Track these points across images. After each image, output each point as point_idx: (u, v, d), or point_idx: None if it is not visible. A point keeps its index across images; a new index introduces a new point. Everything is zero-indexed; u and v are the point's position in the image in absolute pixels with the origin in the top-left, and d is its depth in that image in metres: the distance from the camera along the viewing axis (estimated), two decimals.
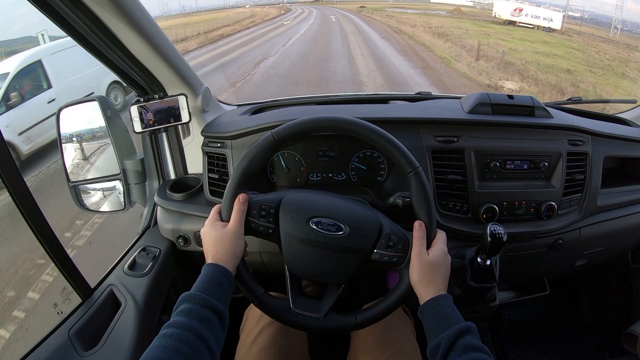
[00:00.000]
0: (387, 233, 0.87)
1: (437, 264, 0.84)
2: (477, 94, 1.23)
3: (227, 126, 1.22)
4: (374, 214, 0.91)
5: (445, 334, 0.75)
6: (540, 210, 1.17)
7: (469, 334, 0.75)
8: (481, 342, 0.75)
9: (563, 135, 1.21)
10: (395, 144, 0.88)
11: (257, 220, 0.87)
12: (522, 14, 23.43)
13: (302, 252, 0.87)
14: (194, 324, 0.69)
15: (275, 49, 14.23)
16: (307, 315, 0.88)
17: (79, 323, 0.97)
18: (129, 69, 1.09)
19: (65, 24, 0.90)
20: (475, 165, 1.14)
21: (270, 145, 0.88)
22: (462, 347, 0.73)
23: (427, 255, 0.84)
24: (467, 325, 0.76)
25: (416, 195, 0.87)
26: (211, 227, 0.86)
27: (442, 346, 0.74)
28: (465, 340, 0.73)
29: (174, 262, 1.27)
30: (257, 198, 0.88)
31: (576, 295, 1.84)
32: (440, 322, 0.78)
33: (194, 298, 0.73)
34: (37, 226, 0.89)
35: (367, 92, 2.04)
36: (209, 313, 0.72)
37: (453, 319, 0.78)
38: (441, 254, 0.85)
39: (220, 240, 0.83)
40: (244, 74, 9.89)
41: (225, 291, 0.78)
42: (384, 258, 0.86)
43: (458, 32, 19.23)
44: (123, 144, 1.25)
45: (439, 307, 0.80)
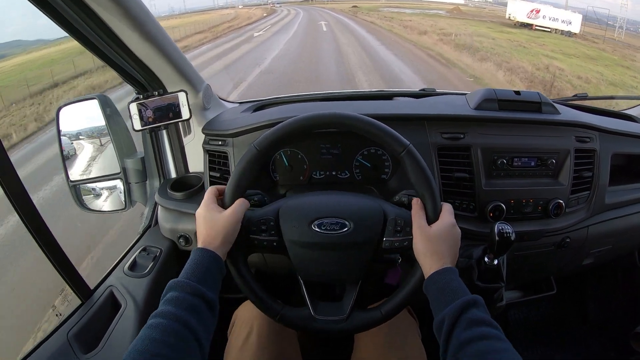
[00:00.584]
0: (393, 219, 0.84)
1: (442, 236, 0.80)
2: (483, 90, 1.21)
3: (228, 124, 1.20)
4: (376, 202, 0.89)
5: (449, 308, 0.71)
6: (548, 209, 1.15)
7: (474, 307, 0.71)
8: (489, 316, 0.71)
9: (571, 132, 1.19)
10: (380, 127, 0.85)
11: (260, 235, 0.85)
12: (540, 15, 21.79)
13: (311, 257, 0.85)
14: (181, 313, 0.66)
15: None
16: (331, 319, 0.86)
17: (78, 325, 0.95)
18: (128, 65, 1.08)
19: (63, 20, 0.89)
20: (482, 163, 1.12)
21: (254, 158, 0.85)
22: (467, 322, 0.69)
23: (430, 227, 0.81)
24: (472, 297, 0.72)
25: (413, 173, 0.84)
26: (206, 208, 0.83)
27: (447, 321, 0.70)
28: (471, 314, 0.70)
29: (175, 262, 1.25)
30: (254, 214, 0.86)
31: (583, 295, 1.82)
32: (444, 296, 0.74)
33: (181, 286, 0.70)
34: (34, 227, 0.88)
35: (370, 88, 1.99)
36: (197, 301, 0.69)
37: (458, 293, 0.74)
38: (447, 226, 0.82)
39: (213, 223, 0.80)
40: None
41: (214, 277, 0.75)
42: (395, 244, 0.84)
43: (486, 43, 16.43)
44: (123, 143, 1.23)
45: (443, 280, 0.76)
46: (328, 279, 0.89)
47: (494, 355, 0.65)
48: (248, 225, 0.84)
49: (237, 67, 12.80)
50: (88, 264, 3.17)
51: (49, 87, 11.54)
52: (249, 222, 0.84)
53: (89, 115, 1.19)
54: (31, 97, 10.56)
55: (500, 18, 25.44)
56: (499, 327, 0.70)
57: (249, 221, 0.84)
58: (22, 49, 17.77)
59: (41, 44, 18.55)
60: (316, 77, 10.64)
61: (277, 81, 10.27)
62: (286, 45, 17.06)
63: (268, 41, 18.79)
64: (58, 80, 12.32)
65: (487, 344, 0.66)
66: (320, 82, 10.05)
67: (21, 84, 11.26)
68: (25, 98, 10.42)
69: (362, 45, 16.69)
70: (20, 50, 17.46)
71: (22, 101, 10.10)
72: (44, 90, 11.18)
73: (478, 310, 0.71)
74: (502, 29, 21.56)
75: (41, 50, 17.70)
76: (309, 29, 23.66)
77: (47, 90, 11.43)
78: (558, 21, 21.07)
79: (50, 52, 16.55)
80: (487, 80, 10.80)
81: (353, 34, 21.14)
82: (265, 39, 19.73)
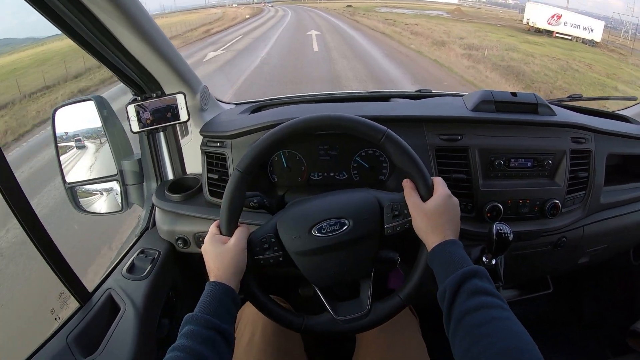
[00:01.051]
0: (389, 205, 0.85)
1: (439, 210, 0.81)
2: (480, 92, 1.21)
3: (226, 125, 1.20)
4: (369, 193, 0.90)
5: (450, 279, 0.72)
6: (545, 209, 1.16)
7: (476, 277, 0.71)
8: (493, 286, 0.72)
9: (567, 133, 1.20)
10: (354, 119, 0.85)
11: (264, 255, 0.85)
12: (561, 22, 19.58)
13: (318, 263, 0.85)
14: (197, 346, 0.68)
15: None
16: (354, 317, 0.87)
17: (77, 328, 0.95)
18: (126, 67, 1.07)
19: (60, 20, 0.88)
20: (479, 164, 1.13)
21: (240, 180, 0.85)
22: (468, 292, 0.70)
23: (425, 204, 0.82)
24: (473, 268, 0.73)
25: (396, 156, 0.85)
26: (210, 243, 0.84)
27: (448, 292, 0.72)
28: (472, 284, 0.70)
29: (174, 264, 1.25)
30: (254, 235, 0.86)
31: (579, 293, 1.84)
32: (446, 268, 0.75)
33: (197, 320, 0.72)
34: (32, 229, 0.87)
35: (368, 89, 1.95)
36: (212, 334, 0.71)
37: (460, 264, 0.74)
38: (443, 199, 0.82)
39: (221, 257, 0.81)
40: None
41: (228, 309, 0.77)
42: (397, 229, 0.84)
43: (532, 64, 12.72)
44: (120, 144, 1.22)
45: (444, 252, 0.78)
46: (341, 280, 0.89)
47: (494, 324, 0.65)
48: (251, 247, 0.84)
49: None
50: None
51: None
52: (251, 244, 0.84)
53: (85, 117, 1.18)
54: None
55: (506, 21, 23.82)
56: (501, 296, 0.70)
57: (250, 243, 0.84)
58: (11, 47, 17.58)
59: (31, 42, 18.32)
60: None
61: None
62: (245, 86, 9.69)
63: (225, 67, 12.38)
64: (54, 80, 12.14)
65: (487, 313, 0.67)
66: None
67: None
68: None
69: (375, 74, 10.88)
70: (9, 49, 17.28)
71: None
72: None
73: (480, 281, 0.71)
74: (525, 38, 18.88)
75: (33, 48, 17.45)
76: (293, 45, 16.92)
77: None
78: (579, 28, 19.06)
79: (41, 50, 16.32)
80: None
81: (355, 50, 15.11)
82: (221, 64, 12.97)
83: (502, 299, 0.70)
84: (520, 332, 0.65)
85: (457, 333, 0.68)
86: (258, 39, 19.70)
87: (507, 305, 0.69)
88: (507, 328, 0.65)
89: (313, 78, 10.68)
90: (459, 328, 0.68)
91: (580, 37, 18.81)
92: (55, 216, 3.97)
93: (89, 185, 1.24)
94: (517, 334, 0.64)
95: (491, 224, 0.97)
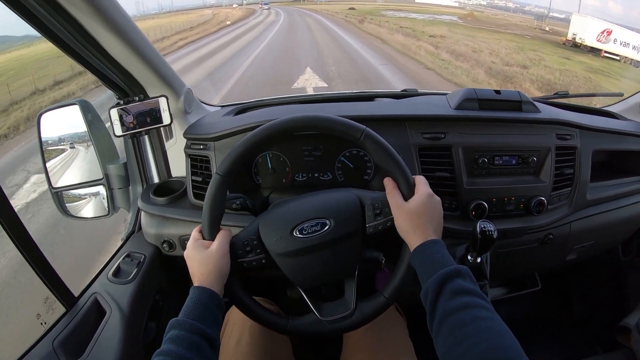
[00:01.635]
0: (370, 204, 0.86)
1: (421, 210, 0.81)
2: (464, 90, 1.22)
3: (210, 127, 1.20)
4: (350, 192, 0.90)
5: (432, 279, 0.72)
6: (530, 206, 1.16)
7: (458, 277, 0.72)
8: (476, 285, 0.72)
9: (551, 130, 1.20)
10: (332, 119, 0.86)
11: (247, 257, 0.85)
12: (610, 39, 16.95)
13: (302, 264, 0.85)
14: (182, 351, 0.68)
15: None
16: (339, 317, 0.87)
17: (63, 333, 0.94)
18: (108, 70, 1.07)
19: (40, 24, 0.87)
20: (463, 162, 1.13)
21: (220, 184, 0.85)
22: (451, 292, 0.70)
23: (407, 203, 0.82)
24: (456, 268, 0.73)
25: (376, 154, 0.85)
26: (193, 248, 0.84)
27: (430, 292, 0.72)
28: (455, 284, 0.70)
29: (160, 267, 1.24)
30: (236, 239, 0.86)
31: (567, 290, 1.84)
32: (427, 269, 0.75)
33: (182, 325, 0.72)
34: (16, 234, 0.87)
35: (352, 90, 1.90)
36: (197, 339, 0.71)
37: (441, 264, 0.74)
38: (424, 198, 0.82)
39: (205, 262, 0.81)
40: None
41: (213, 314, 0.77)
42: (379, 227, 0.85)
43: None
44: (105, 148, 1.22)
45: (426, 253, 0.78)
46: (325, 280, 0.89)
47: (477, 324, 0.65)
48: (233, 250, 0.84)
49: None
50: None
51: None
52: (233, 248, 0.85)
53: (70, 121, 1.18)
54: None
55: (527, 30, 21.57)
56: (484, 296, 0.71)
57: (232, 246, 0.85)
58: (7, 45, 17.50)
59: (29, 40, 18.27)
60: None
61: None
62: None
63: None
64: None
65: (470, 313, 0.67)
66: None
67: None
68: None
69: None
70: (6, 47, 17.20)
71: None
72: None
73: (462, 280, 0.72)
74: (571, 56, 16.21)
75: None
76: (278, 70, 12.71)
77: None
78: (629, 47, 16.59)
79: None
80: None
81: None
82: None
83: (486, 299, 0.70)
84: (503, 331, 0.65)
85: (440, 333, 0.68)
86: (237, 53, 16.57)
87: (491, 305, 0.70)
88: (490, 328, 0.65)
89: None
90: (442, 328, 0.68)
91: (629, 57, 16.59)
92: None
93: (75, 189, 1.24)
94: (500, 333, 0.64)
95: (475, 221, 0.97)
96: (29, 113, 9.44)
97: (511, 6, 42.04)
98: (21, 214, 1.22)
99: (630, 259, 1.60)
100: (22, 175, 5.74)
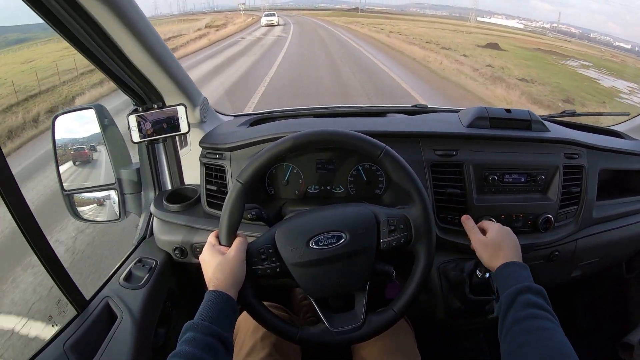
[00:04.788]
0: (385, 220, 0.88)
1: (498, 243, 0.93)
2: (476, 108, 1.23)
3: (225, 137, 1.21)
4: (366, 208, 0.92)
5: (507, 292, 0.81)
6: (538, 223, 1.17)
7: (529, 292, 0.79)
8: (548, 305, 0.79)
9: (560, 149, 1.22)
10: (355, 136, 0.88)
11: (261, 265, 0.86)
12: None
13: (315, 274, 0.87)
14: (198, 353, 0.69)
15: None
16: (348, 328, 0.88)
17: (74, 336, 0.95)
18: (128, 77, 1.09)
19: (65, 30, 0.89)
20: (473, 179, 1.15)
21: (241, 191, 0.87)
22: (522, 303, 0.78)
23: (486, 237, 0.95)
24: (529, 284, 0.81)
25: (394, 172, 0.89)
26: (210, 253, 0.85)
27: (503, 303, 0.80)
28: (526, 297, 0.78)
29: (171, 274, 1.25)
30: (252, 246, 0.88)
31: (571, 306, 1.85)
32: (504, 283, 0.85)
33: (198, 327, 0.73)
34: (33, 236, 0.88)
35: (364, 104, 1.92)
36: (212, 341, 0.72)
37: (517, 280, 0.83)
38: (499, 234, 0.94)
39: (221, 267, 0.82)
40: None
41: (228, 318, 0.78)
42: (392, 243, 0.87)
43: None
44: (119, 153, 1.23)
45: (507, 271, 0.87)
46: (336, 292, 0.90)
47: (540, 333, 0.73)
48: (248, 257, 0.86)
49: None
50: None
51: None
52: (248, 255, 0.86)
53: (85, 125, 1.20)
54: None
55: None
56: (552, 312, 0.78)
57: (248, 253, 0.86)
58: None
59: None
60: None
61: None
62: None
63: None
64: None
65: (536, 322, 0.75)
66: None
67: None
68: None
69: None
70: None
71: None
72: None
73: (533, 296, 0.79)
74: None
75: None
76: None
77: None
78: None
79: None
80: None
81: None
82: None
83: (553, 314, 0.77)
84: (564, 342, 0.72)
85: (506, 338, 0.77)
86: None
87: (557, 320, 0.77)
88: (552, 337, 0.73)
89: None
90: (509, 333, 0.76)
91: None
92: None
93: (87, 193, 1.25)
94: (560, 342, 0.72)
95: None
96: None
97: (575, 32, 41.12)
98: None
99: (634, 276, 1.61)
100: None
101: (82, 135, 1.21)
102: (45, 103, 9.98)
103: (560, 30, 42.96)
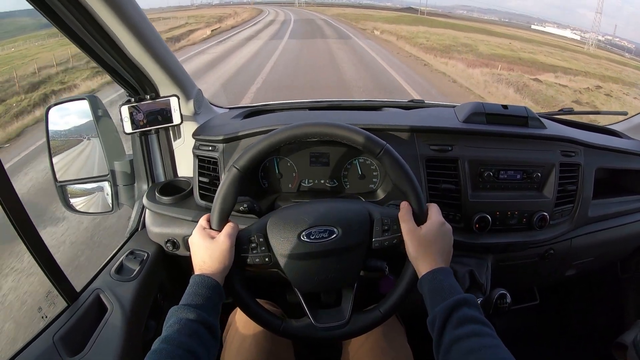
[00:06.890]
0: (379, 219, 0.86)
1: (431, 238, 0.83)
2: (472, 104, 1.22)
3: (219, 129, 1.20)
4: (360, 204, 0.91)
5: (440, 307, 0.74)
6: (532, 221, 1.17)
7: (465, 305, 0.73)
8: (482, 314, 0.73)
9: (556, 147, 1.21)
10: (357, 130, 0.87)
11: (251, 253, 0.85)
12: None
13: (304, 267, 0.86)
14: (184, 338, 0.69)
15: None
16: (332, 325, 0.87)
17: (64, 328, 0.94)
18: (121, 67, 1.07)
19: (58, 19, 0.88)
20: (468, 175, 1.14)
21: (236, 178, 0.85)
22: (458, 320, 0.71)
23: (420, 229, 0.83)
24: (463, 297, 0.75)
25: (393, 171, 0.87)
26: (199, 236, 0.84)
27: (438, 320, 0.73)
28: (462, 313, 0.72)
29: (162, 266, 1.24)
30: (243, 233, 0.87)
31: (566, 305, 1.85)
32: (435, 296, 0.77)
33: (183, 312, 0.73)
34: (22, 227, 0.87)
35: (360, 98, 1.89)
36: (197, 326, 0.71)
37: (449, 292, 0.76)
38: (435, 226, 0.84)
39: (210, 251, 0.81)
40: None
41: (214, 303, 0.77)
42: (385, 243, 0.86)
43: None
44: (112, 145, 1.22)
45: (434, 280, 0.79)
46: (324, 287, 0.90)
47: (484, 352, 0.66)
48: (238, 244, 0.85)
49: None
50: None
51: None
52: (238, 241, 0.85)
53: (78, 116, 1.19)
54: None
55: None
56: (490, 324, 0.72)
57: (238, 240, 0.85)
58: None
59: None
60: None
61: None
62: None
63: None
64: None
65: (477, 341, 0.68)
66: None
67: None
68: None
69: None
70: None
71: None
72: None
73: (469, 309, 0.73)
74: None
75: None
76: None
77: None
78: None
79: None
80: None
81: None
82: None
83: (491, 327, 0.72)
84: (508, 359, 0.66)
85: (446, 358, 0.70)
86: None
87: (496, 333, 0.71)
88: (495, 356, 0.66)
89: None
90: (449, 353, 0.69)
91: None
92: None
93: (80, 184, 1.24)
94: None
95: (495, 290, 1.11)
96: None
97: (631, 47, 38.51)
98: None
99: (629, 276, 1.61)
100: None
101: (76, 125, 1.20)
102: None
103: (615, 43, 40.20)
